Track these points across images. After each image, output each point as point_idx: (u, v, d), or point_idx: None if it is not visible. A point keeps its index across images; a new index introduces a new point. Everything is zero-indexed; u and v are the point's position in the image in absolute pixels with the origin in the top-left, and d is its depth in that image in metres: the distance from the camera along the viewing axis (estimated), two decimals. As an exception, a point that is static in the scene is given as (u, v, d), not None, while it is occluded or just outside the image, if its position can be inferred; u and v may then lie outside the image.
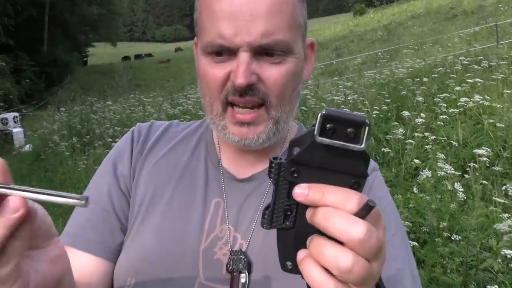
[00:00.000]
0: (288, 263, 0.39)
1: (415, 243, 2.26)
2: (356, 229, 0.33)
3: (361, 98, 5.32)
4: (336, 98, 5.65)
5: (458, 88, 4.57)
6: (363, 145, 0.34)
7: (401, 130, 3.87)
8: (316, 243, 0.35)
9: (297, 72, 0.61)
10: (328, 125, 0.33)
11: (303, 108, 5.42)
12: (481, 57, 6.65)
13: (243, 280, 0.56)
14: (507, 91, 4.33)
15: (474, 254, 2.00)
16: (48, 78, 24.17)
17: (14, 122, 11.02)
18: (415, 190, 2.76)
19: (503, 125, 3.61)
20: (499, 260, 1.85)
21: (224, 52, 0.57)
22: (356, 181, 0.36)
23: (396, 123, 4.26)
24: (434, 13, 21.81)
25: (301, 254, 0.37)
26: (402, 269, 0.58)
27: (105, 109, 9.37)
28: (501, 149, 3.47)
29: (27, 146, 10.22)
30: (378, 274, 0.36)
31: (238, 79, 0.55)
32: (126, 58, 46.98)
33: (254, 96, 0.58)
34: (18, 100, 18.14)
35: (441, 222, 2.36)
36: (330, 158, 0.35)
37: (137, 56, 49.85)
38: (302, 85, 0.64)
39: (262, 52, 0.57)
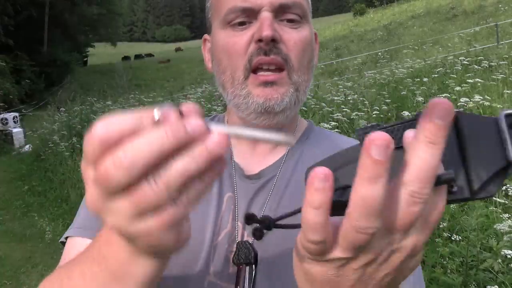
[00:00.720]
0: None
1: (415, 243, 2.26)
2: None
3: (361, 98, 5.32)
4: (336, 98, 5.65)
5: (458, 88, 4.57)
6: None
7: (401, 130, 3.87)
8: None
9: (311, 42, 0.64)
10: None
11: (303, 108, 5.43)
12: (481, 57, 6.66)
13: (249, 273, 0.56)
14: (507, 91, 4.33)
15: (474, 254, 2.00)
16: (48, 78, 24.16)
17: (14, 122, 11.01)
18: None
19: (503, 125, 3.61)
20: (499, 260, 1.85)
21: (246, 18, 0.60)
22: None
23: (396, 123, 4.26)
24: (434, 13, 21.81)
25: None
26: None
27: (105, 109, 9.37)
28: (501, 149, 3.47)
29: (27, 146, 10.21)
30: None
31: (264, 32, 0.57)
32: (126, 58, 46.96)
33: (278, 55, 0.59)
34: (18, 100, 18.13)
35: (441, 222, 2.36)
36: None
37: (137, 56, 49.83)
38: (314, 63, 0.67)
39: (282, 14, 0.60)
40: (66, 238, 0.67)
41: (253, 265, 0.56)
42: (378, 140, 0.26)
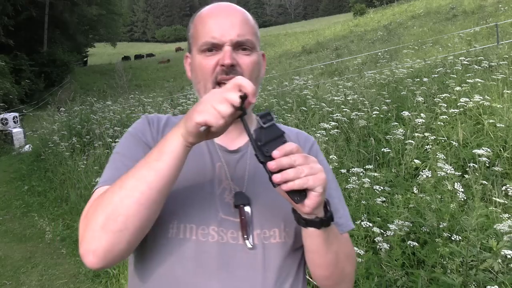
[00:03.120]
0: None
1: (415, 243, 2.26)
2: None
3: (361, 98, 5.32)
4: (336, 98, 5.65)
5: (458, 88, 4.57)
6: (274, 120, 0.71)
7: (401, 130, 3.87)
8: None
9: (259, 64, 0.94)
10: (262, 120, 0.70)
11: (303, 108, 5.43)
12: (481, 57, 6.65)
13: (248, 210, 0.86)
14: (507, 91, 4.32)
15: (474, 254, 1.99)
16: (48, 78, 24.16)
17: (14, 122, 11.01)
18: (415, 190, 2.76)
19: (503, 125, 3.60)
20: (499, 260, 1.85)
21: (214, 48, 0.88)
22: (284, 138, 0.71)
23: (396, 123, 4.25)
24: (434, 13, 21.81)
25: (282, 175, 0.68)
26: (334, 189, 0.98)
27: (105, 109, 9.36)
28: (501, 149, 3.47)
29: (27, 146, 10.21)
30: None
31: (225, 60, 0.85)
32: (126, 58, 46.95)
33: (235, 74, 0.85)
34: (18, 100, 18.12)
35: (441, 222, 2.36)
36: (270, 132, 0.70)
37: (137, 56, 49.82)
38: (260, 78, 0.97)
39: (238, 47, 0.88)
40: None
41: (248, 205, 0.87)
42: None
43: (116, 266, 3.41)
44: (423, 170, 2.84)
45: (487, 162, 2.99)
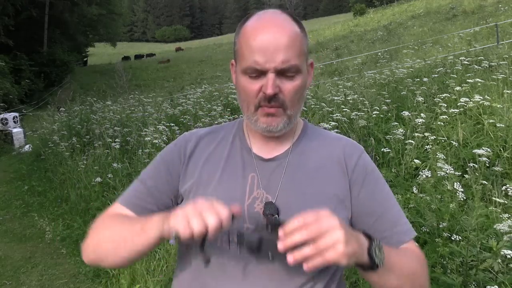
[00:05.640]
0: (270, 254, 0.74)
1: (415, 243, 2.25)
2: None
3: (361, 98, 5.32)
4: (336, 98, 5.65)
5: (458, 88, 4.56)
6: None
7: (401, 130, 3.87)
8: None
9: (303, 85, 0.92)
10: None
11: (303, 108, 5.43)
12: (481, 57, 6.65)
13: (274, 219, 0.86)
14: (507, 91, 4.32)
15: (474, 254, 1.99)
16: (48, 78, 24.12)
17: (14, 122, 11.00)
18: (415, 190, 2.76)
19: (503, 125, 3.60)
20: (499, 260, 1.85)
21: (258, 73, 0.87)
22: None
23: (396, 123, 4.25)
24: (434, 13, 21.81)
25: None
26: (391, 198, 0.97)
27: (105, 109, 9.36)
28: (501, 149, 3.47)
29: (27, 146, 10.20)
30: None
31: (268, 90, 0.86)
32: (126, 58, 46.92)
33: (277, 102, 0.88)
34: (18, 100, 18.10)
35: (441, 222, 2.36)
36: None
37: (137, 56, 49.79)
38: (305, 95, 1.00)
39: (282, 72, 0.87)
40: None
41: (277, 215, 0.87)
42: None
43: (116, 266, 3.41)
44: (423, 170, 2.84)
45: (487, 162, 2.99)
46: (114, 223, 0.93)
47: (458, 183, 2.60)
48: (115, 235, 0.90)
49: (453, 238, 2.15)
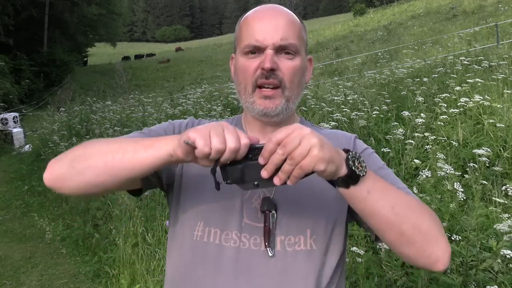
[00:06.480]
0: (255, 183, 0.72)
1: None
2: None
3: (361, 98, 5.32)
4: (336, 98, 5.65)
5: (458, 88, 4.56)
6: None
7: (401, 130, 3.86)
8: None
9: (302, 69, 0.91)
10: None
11: (303, 108, 5.43)
12: (481, 57, 6.65)
13: (272, 216, 0.86)
14: (507, 91, 4.32)
15: (474, 254, 1.99)
16: (48, 78, 24.12)
17: (14, 122, 11.01)
18: (415, 190, 2.75)
19: (503, 125, 3.60)
20: (499, 260, 1.85)
21: (256, 51, 0.88)
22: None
23: (396, 123, 4.25)
24: (434, 13, 21.81)
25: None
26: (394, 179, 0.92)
27: (105, 109, 9.37)
28: (501, 149, 3.47)
29: (27, 146, 10.21)
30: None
31: (266, 64, 0.85)
32: (126, 58, 46.91)
33: (275, 78, 0.87)
34: (17, 100, 18.10)
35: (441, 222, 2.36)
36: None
37: (137, 56, 49.78)
38: (304, 83, 0.95)
39: (280, 50, 0.87)
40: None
41: (275, 211, 0.87)
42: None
43: (116, 266, 3.42)
44: (423, 170, 2.84)
45: (487, 162, 2.99)
46: (109, 140, 0.83)
47: (458, 183, 2.59)
48: (112, 147, 0.79)
49: (453, 238, 2.15)
